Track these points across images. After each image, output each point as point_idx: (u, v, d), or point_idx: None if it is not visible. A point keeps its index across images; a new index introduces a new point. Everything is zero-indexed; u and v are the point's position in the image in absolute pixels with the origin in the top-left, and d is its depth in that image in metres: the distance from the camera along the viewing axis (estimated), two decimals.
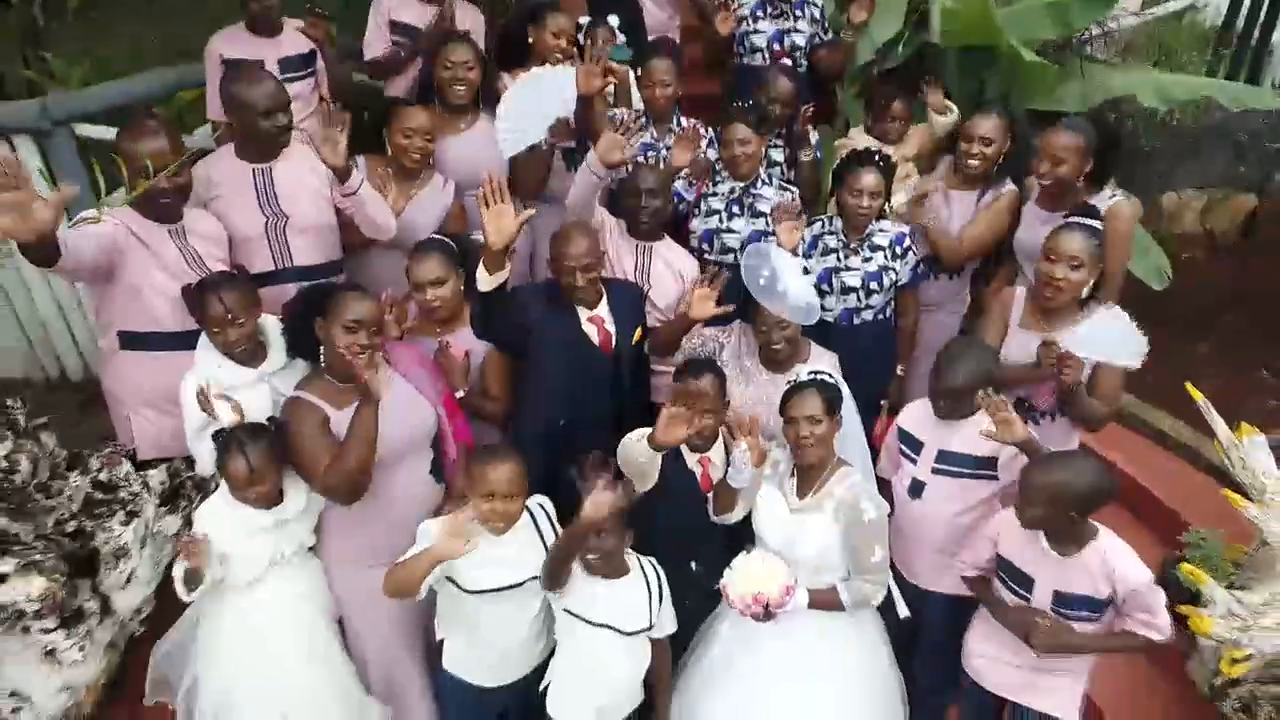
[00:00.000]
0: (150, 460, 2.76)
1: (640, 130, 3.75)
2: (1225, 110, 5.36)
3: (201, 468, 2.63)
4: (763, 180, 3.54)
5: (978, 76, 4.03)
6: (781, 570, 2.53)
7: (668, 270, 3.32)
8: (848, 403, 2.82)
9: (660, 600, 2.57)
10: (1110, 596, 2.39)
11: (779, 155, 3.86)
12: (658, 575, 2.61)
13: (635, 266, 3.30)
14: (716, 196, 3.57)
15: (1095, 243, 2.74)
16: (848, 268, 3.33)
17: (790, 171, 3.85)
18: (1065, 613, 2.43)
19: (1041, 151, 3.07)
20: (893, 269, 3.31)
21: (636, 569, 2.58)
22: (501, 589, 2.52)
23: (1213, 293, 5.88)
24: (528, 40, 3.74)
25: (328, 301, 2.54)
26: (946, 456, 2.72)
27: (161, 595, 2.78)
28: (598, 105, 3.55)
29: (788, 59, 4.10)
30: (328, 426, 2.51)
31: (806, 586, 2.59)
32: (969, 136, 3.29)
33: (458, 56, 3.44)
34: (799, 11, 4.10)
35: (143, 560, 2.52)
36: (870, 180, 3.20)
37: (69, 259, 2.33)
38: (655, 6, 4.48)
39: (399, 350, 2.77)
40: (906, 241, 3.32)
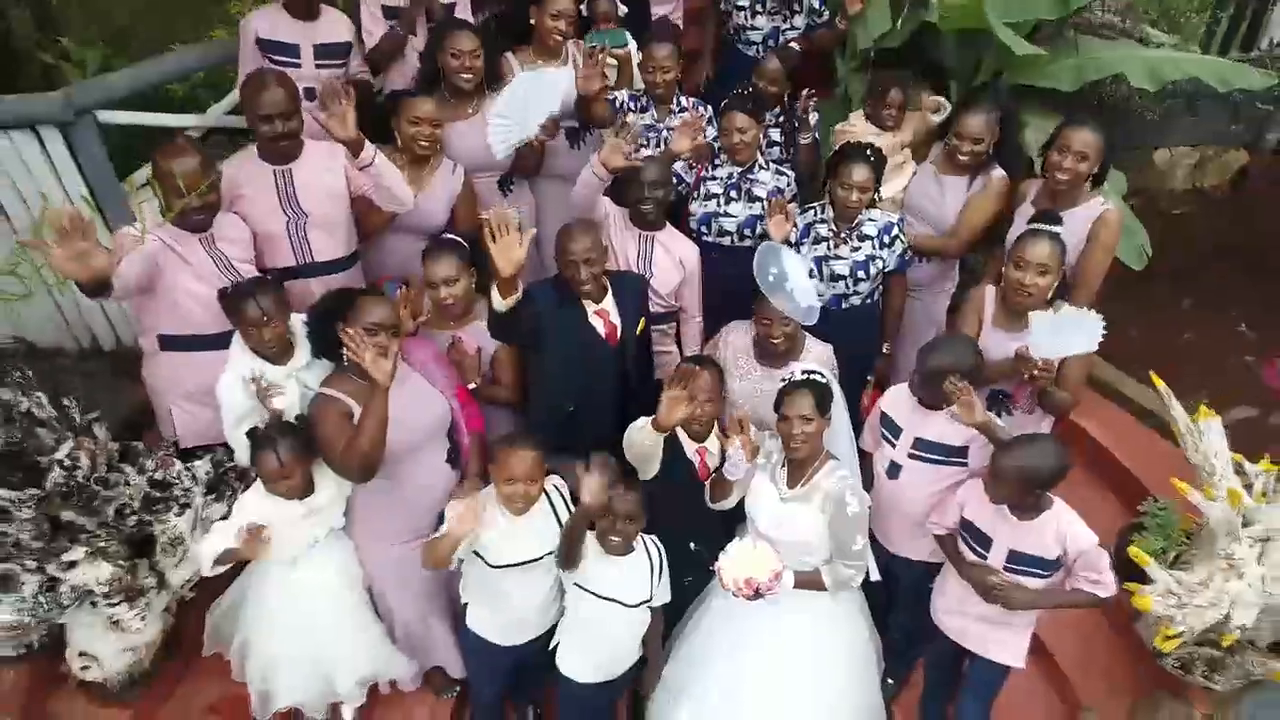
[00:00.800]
0: (192, 448, 3.03)
1: (640, 114, 3.90)
2: None
3: (240, 458, 2.88)
4: (760, 165, 3.68)
5: (974, 54, 4.11)
6: (771, 558, 2.80)
7: (668, 258, 3.50)
8: (838, 400, 3.04)
9: (660, 576, 2.86)
10: (1059, 557, 2.67)
11: (776, 135, 3.99)
12: (659, 552, 2.89)
13: (638, 255, 3.48)
14: (715, 180, 3.71)
15: (1060, 248, 2.91)
16: (837, 256, 3.50)
17: (789, 151, 3.99)
18: (1017, 569, 2.71)
19: (1061, 144, 3.15)
20: (880, 257, 3.49)
21: (640, 548, 2.86)
22: (521, 564, 2.80)
23: (1200, 247, 6.04)
24: (529, 20, 3.84)
25: (349, 306, 2.75)
26: (922, 444, 2.95)
27: None
28: (597, 103, 3.70)
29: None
30: (350, 419, 2.74)
31: (792, 569, 2.88)
32: (960, 133, 3.40)
33: (463, 45, 3.53)
34: (796, 6, 4.17)
35: (194, 542, 2.79)
36: (860, 175, 3.34)
37: (119, 290, 2.53)
38: None
39: (414, 346, 2.99)
40: (894, 230, 3.49)
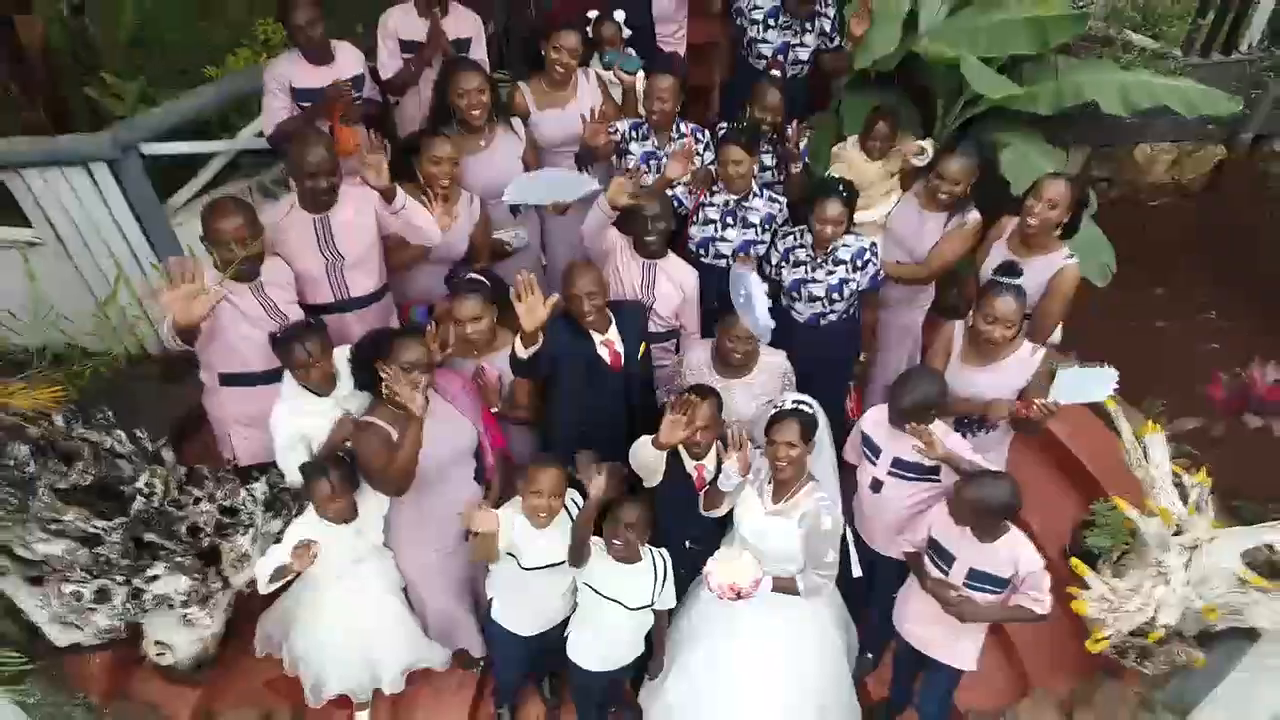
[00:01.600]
0: (249, 467, 3.43)
1: (642, 142, 4.18)
2: (1203, 69, 5.69)
3: (290, 480, 3.27)
4: (754, 193, 3.98)
5: (958, 76, 4.36)
6: (753, 566, 3.20)
7: (670, 283, 3.82)
8: (823, 426, 3.42)
9: (663, 584, 3.27)
10: (1011, 577, 3.08)
11: (769, 159, 4.27)
12: (664, 563, 3.29)
13: (641, 281, 3.81)
14: (713, 207, 4.01)
15: (1022, 300, 3.24)
16: (814, 279, 3.82)
17: (780, 173, 4.28)
18: (974, 585, 3.11)
19: (1036, 192, 3.44)
20: (854, 280, 3.80)
21: (648, 559, 3.26)
22: (545, 566, 3.22)
23: (1176, 238, 6.34)
24: (540, 51, 4.10)
25: (387, 347, 3.10)
26: (900, 463, 3.32)
27: None
28: (601, 154, 4.05)
29: (789, 69, 4.43)
30: (390, 442, 3.12)
31: (771, 574, 3.28)
32: (940, 174, 3.68)
33: (469, 84, 3.78)
34: (808, 25, 4.38)
35: (255, 552, 3.20)
36: (834, 211, 3.62)
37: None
38: None
39: (445, 377, 3.35)
40: (866, 255, 3.79)
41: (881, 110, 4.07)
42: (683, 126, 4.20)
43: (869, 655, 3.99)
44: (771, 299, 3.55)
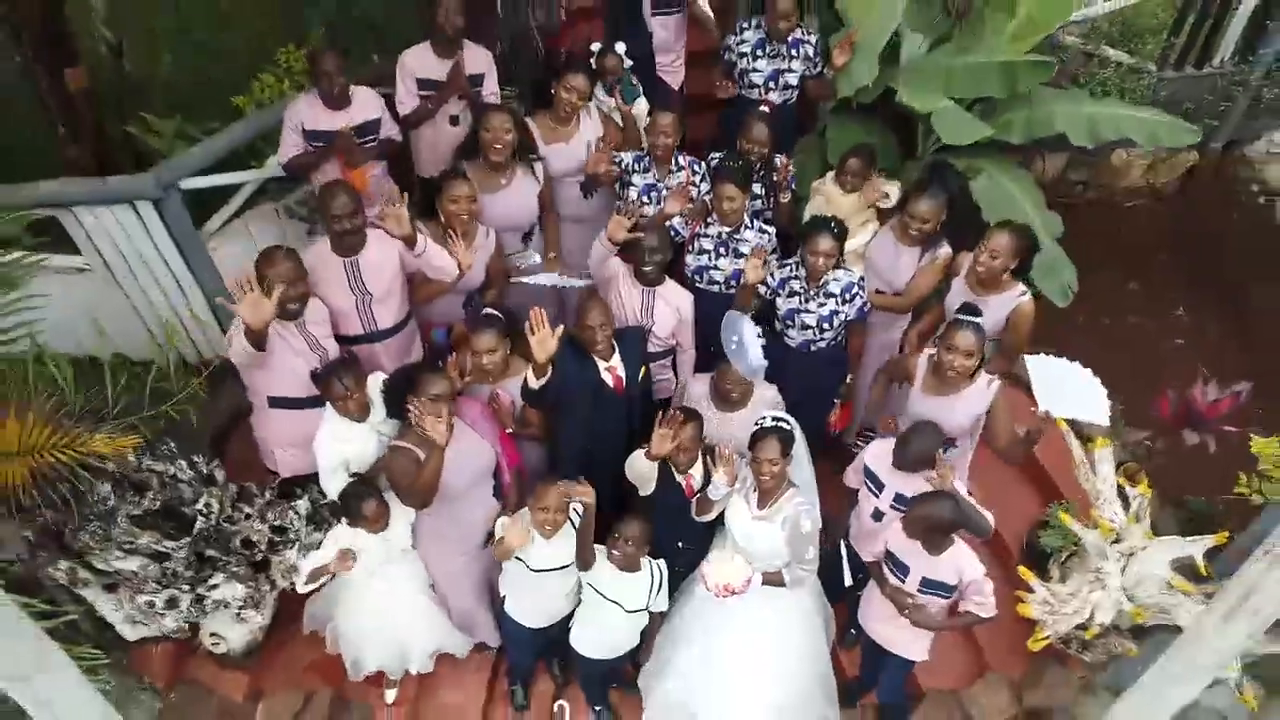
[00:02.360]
0: (292, 480, 3.85)
1: (644, 174, 4.51)
2: (1177, 82, 5.98)
3: (330, 495, 3.69)
4: (745, 225, 4.32)
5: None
6: (744, 567, 3.65)
7: (667, 307, 4.19)
8: (799, 441, 3.82)
9: (659, 590, 3.72)
10: (957, 583, 3.52)
11: (759, 188, 4.60)
12: (661, 573, 3.72)
13: (641, 306, 4.18)
14: (707, 238, 4.36)
15: (981, 336, 3.61)
16: (807, 310, 4.19)
17: (769, 202, 4.62)
18: (927, 590, 3.54)
19: (983, 243, 3.82)
20: (843, 311, 4.18)
21: (646, 569, 3.70)
22: (552, 569, 3.66)
23: (1149, 239, 6.67)
24: (550, 90, 4.41)
25: (414, 381, 3.50)
26: (900, 499, 3.70)
27: None
28: (604, 181, 4.39)
29: (780, 95, 4.74)
30: (418, 463, 3.54)
31: (760, 570, 3.73)
32: (911, 213, 4.02)
33: (497, 123, 4.13)
34: (794, 51, 4.67)
35: (299, 562, 3.64)
36: (825, 245, 3.99)
37: (249, 360, 3.32)
38: (662, 28, 4.98)
39: (466, 405, 3.75)
40: (854, 289, 4.16)
41: (855, 148, 4.39)
42: (681, 159, 4.52)
43: (852, 631, 4.45)
44: (766, 323, 3.93)
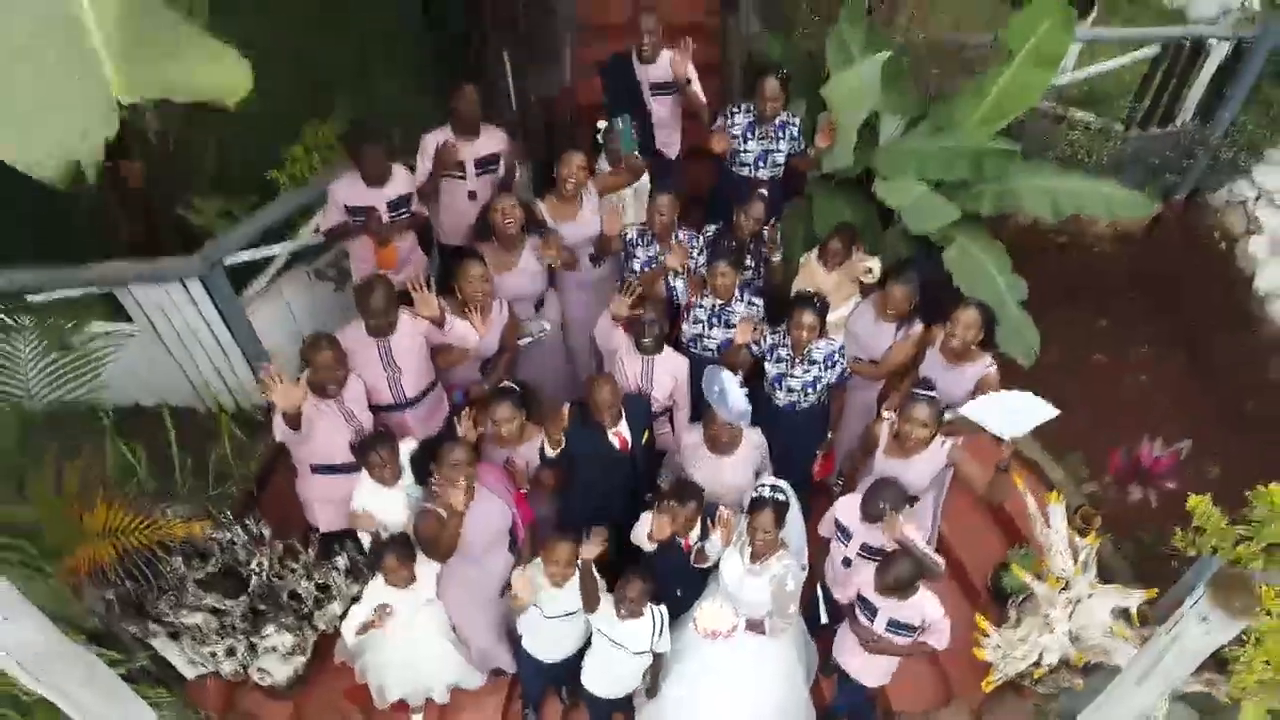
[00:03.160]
0: (329, 532, 4.32)
1: (647, 247, 4.95)
2: (1143, 140, 6.40)
3: (365, 546, 4.16)
4: (736, 299, 4.76)
5: None
6: (731, 616, 4.12)
7: (665, 373, 4.65)
8: (794, 507, 4.27)
9: (660, 635, 4.18)
10: (920, 624, 3.99)
11: (749, 259, 5.04)
12: (662, 619, 4.18)
13: (641, 373, 4.63)
14: (702, 309, 4.81)
15: (937, 409, 4.06)
16: (792, 375, 4.64)
17: (759, 272, 5.06)
18: (892, 630, 4.02)
19: (952, 319, 4.29)
20: (825, 377, 4.63)
21: (649, 615, 4.16)
22: (563, 615, 4.14)
23: (1115, 281, 7.10)
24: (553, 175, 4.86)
25: (438, 452, 3.95)
26: (867, 548, 4.17)
27: None
28: (613, 241, 4.78)
29: (769, 172, 5.18)
30: (442, 522, 4.00)
31: (745, 618, 4.20)
32: (888, 295, 4.47)
33: (505, 205, 4.59)
34: (781, 133, 5.11)
35: (340, 611, 4.11)
36: (808, 319, 4.43)
37: (293, 435, 3.76)
38: (660, 107, 5.39)
39: (485, 471, 4.21)
40: (836, 357, 4.61)
41: (836, 230, 4.83)
42: (680, 234, 4.97)
43: (832, 661, 4.94)
44: (756, 383, 4.38)
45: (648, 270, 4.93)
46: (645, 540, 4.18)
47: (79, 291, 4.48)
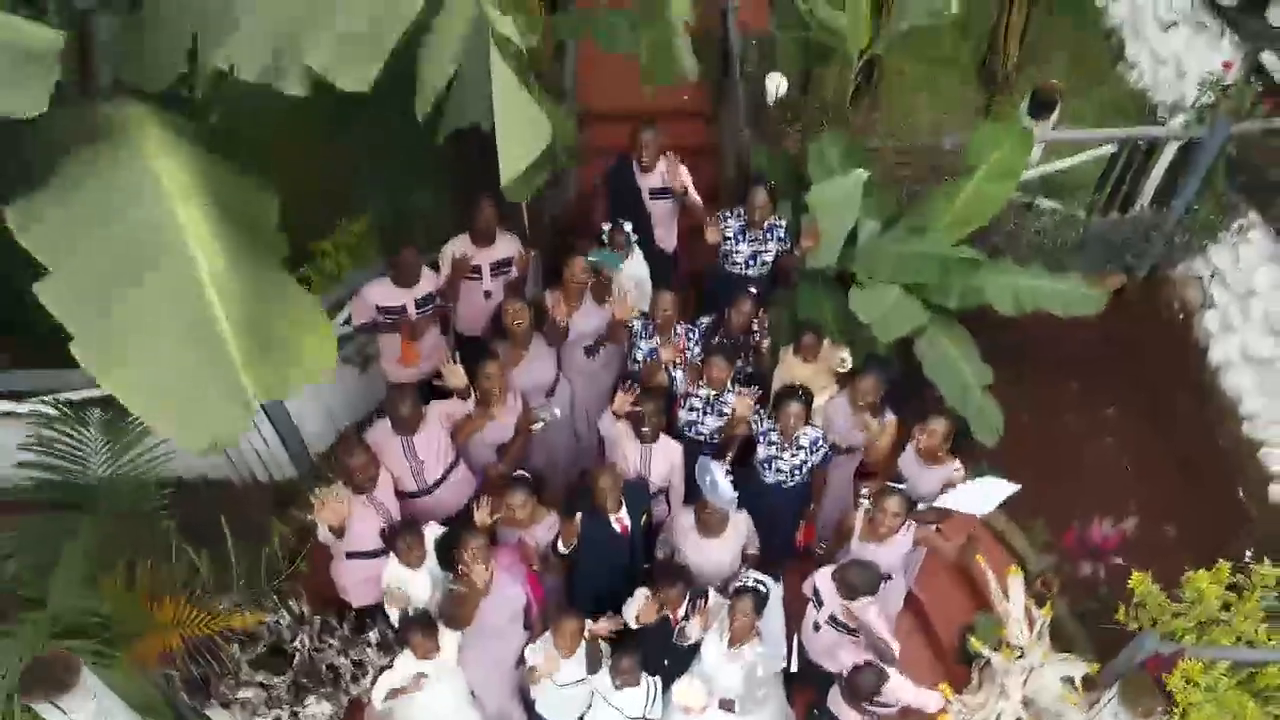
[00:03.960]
0: (362, 607, 4.83)
1: (649, 339, 5.46)
2: (1105, 224, 6.92)
3: (394, 620, 4.65)
4: (728, 390, 5.27)
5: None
6: (703, 695, 4.56)
7: (662, 459, 5.13)
8: (775, 595, 4.77)
9: (654, 702, 4.68)
10: (894, 703, 4.48)
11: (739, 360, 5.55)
12: (655, 687, 4.68)
13: (640, 459, 5.12)
14: (697, 398, 5.30)
15: (905, 501, 4.55)
16: (781, 458, 5.12)
17: (750, 360, 5.57)
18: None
19: (923, 426, 4.80)
20: (810, 460, 5.13)
21: (644, 684, 4.66)
22: (572, 683, 4.64)
23: (1085, 347, 7.60)
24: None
25: (460, 539, 4.45)
26: (834, 620, 4.66)
27: None
28: (619, 329, 5.31)
29: (759, 269, 5.70)
30: (464, 600, 4.50)
31: (718, 697, 4.66)
32: (856, 387, 4.99)
33: (515, 308, 5.09)
34: (769, 235, 5.62)
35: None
36: (794, 409, 4.92)
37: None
38: (659, 209, 5.91)
39: (501, 553, 4.70)
40: (820, 443, 5.11)
41: (807, 329, 5.33)
42: (679, 328, 5.46)
43: (815, 712, 5.42)
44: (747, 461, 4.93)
45: (649, 360, 5.44)
46: (633, 621, 4.67)
47: None
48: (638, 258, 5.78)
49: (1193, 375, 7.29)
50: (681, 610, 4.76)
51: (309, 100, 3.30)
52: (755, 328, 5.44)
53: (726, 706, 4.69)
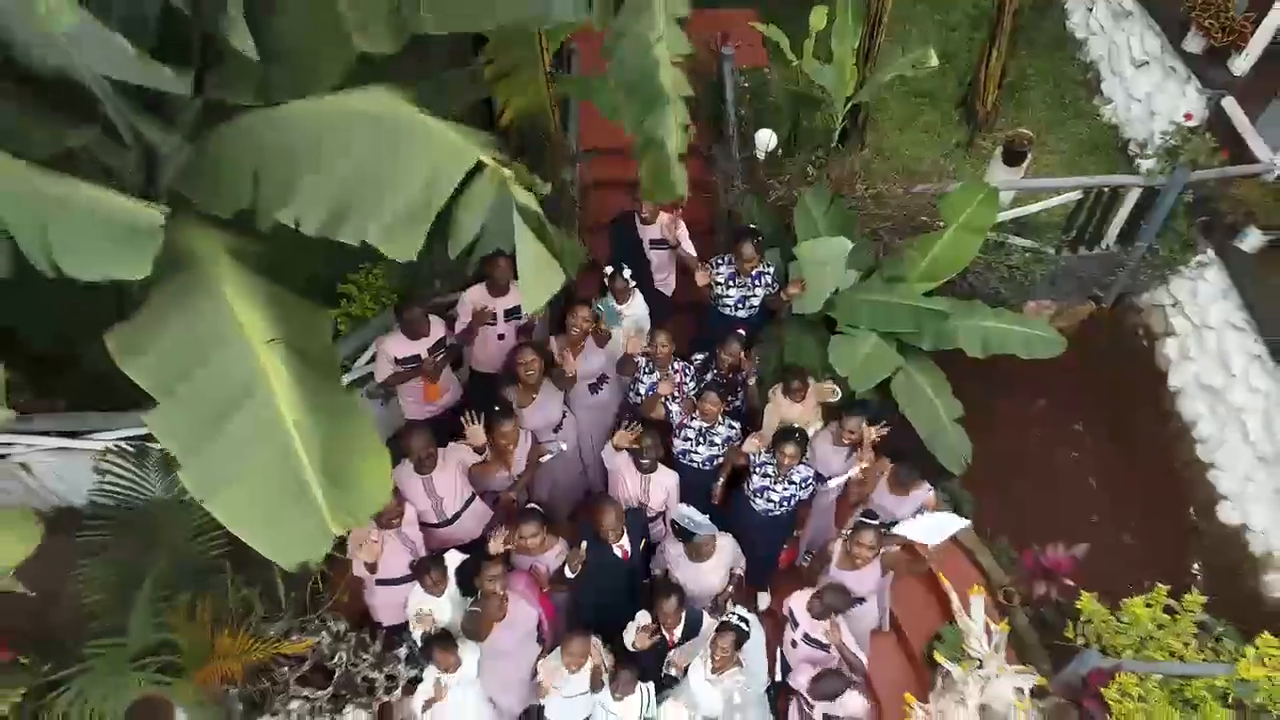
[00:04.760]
0: (390, 626, 5.41)
1: (649, 374, 5.99)
2: (1073, 260, 7.42)
3: (417, 640, 5.24)
4: (719, 422, 5.80)
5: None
6: (686, 716, 5.15)
7: (660, 488, 5.70)
8: (757, 633, 5.33)
9: (648, 709, 5.27)
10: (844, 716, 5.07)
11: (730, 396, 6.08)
12: (650, 697, 5.27)
13: (639, 488, 5.68)
14: (691, 429, 5.84)
15: (878, 534, 5.11)
16: (773, 490, 5.65)
17: (739, 393, 6.10)
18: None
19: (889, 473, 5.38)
20: (799, 495, 5.67)
21: (639, 693, 5.24)
22: (577, 695, 5.23)
23: (1054, 371, 8.09)
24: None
25: (479, 567, 5.02)
26: (808, 638, 5.22)
27: None
28: (629, 367, 5.84)
29: (747, 312, 6.21)
30: (480, 620, 5.08)
31: (703, 717, 5.26)
32: (841, 424, 5.53)
33: (527, 358, 5.60)
34: (756, 282, 6.12)
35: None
36: (791, 449, 5.43)
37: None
38: (657, 257, 6.43)
39: (515, 578, 5.28)
40: (810, 480, 5.65)
41: (793, 371, 5.83)
42: (675, 365, 6.00)
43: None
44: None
45: (649, 395, 5.97)
46: (630, 646, 5.25)
47: None
48: (638, 300, 6.29)
49: (1154, 397, 7.84)
50: (678, 632, 5.34)
51: None
52: (743, 366, 5.97)
53: None
